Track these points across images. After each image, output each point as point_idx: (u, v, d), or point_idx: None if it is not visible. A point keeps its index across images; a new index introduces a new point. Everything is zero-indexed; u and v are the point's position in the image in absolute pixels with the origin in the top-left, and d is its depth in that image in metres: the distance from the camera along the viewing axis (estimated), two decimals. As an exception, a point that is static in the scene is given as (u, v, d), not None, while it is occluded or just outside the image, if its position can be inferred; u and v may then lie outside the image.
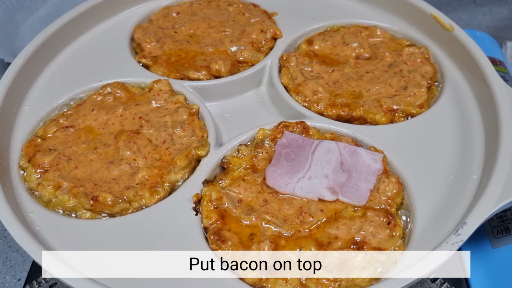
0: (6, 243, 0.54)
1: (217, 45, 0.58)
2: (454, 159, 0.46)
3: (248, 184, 0.44)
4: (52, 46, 0.57)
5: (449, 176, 0.45)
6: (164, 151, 0.48)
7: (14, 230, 0.40)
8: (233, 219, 0.42)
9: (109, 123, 0.50)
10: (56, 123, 0.50)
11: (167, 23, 0.62)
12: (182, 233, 0.42)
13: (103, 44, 0.59)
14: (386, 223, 0.41)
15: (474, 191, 0.43)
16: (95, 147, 0.48)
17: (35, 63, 0.55)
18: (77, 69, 0.57)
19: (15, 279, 0.51)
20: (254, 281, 0.38)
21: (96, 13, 0.61)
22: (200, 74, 0.55)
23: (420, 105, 0.51)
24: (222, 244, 0.40)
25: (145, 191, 0.44)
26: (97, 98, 0.52)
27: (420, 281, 0.42)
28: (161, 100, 0.52)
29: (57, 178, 0.45)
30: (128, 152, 0.47)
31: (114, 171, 0.46)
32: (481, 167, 0.45)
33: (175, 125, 0.49)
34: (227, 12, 0.63)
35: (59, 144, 0.48)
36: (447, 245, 0.37)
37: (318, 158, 0.45)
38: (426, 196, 0.43)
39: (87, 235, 0.42)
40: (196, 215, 0.43)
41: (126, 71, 0.56)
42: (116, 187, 0.45)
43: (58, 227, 0.43)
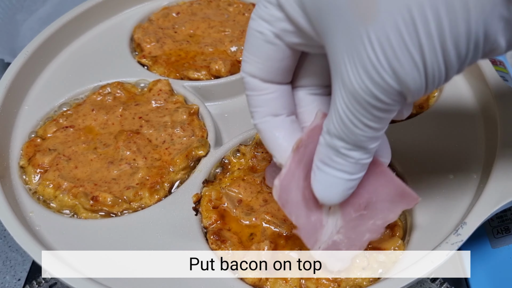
0: (6, 243, 0.54)
1: (217, 45, 0.58)
2: (454, 159, 0.46)
3: (248, 184, 0.44)
4: (52, 46, 0.57)
5: (449, 176, 0.45)
6: (164, 151, 0.48)
7: (14, 230, 0.40)
8: (233, 219, 0.42)
9: (109, 123, 0.50)
10: (56, 123, 0.50)
11: (167, 23, 0.62)
12: (182, 233, 0.42)
13: (103, 44, 0.59)
14: (386, 223, 0.41)
15: (474, 191, 0.43)
16: (95, 147, 0.48)
17: (35, 63, 0.55)
18: (77, 69, 0.57)
19: (15, 279, 0.51)
20: (254, 281, 0.38)
21: (96, 13, 0.61)
22: (200, 74, 0.55)
23: (420, 105, 0.51)
24: (222, 244, 0.40)
25: (145, 191, 0.44)
26: (97, 98, 0.52)
27: (420, 281, 0.42)
28: (161, 100, 0.52)
29: (57, 178, 0.45)
30: (128, 152, 0.47)
31: (114, 171, 0.46)
32: (481, 167, 0.45)
33: (175, 125, 0.49)
34: (227, 12, 0.63)
35: (59, 144, 0.48)
36: (447, 245, 0.37)
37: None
38: (426, 196, 0.43)
39: (87, 235, 0.42)
40: (196, 215, 0.43)
41: (126, 71, 0.56)
42: (116, 187, 0.45)
43: (58, 227, 0.43)
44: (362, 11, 0.24)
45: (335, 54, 0.27)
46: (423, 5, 0.23)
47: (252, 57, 0.32)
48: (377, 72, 0.25)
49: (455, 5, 0.23)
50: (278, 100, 0.33)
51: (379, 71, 0.24)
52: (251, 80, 0.32)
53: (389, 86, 0.25)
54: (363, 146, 0.29)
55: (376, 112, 0.26)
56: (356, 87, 0.26)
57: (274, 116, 0.33)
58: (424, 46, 0.23)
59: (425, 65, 0.24)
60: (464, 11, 0.23)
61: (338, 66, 0.27)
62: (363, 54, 0.25)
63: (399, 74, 0.24)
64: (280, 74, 0.32)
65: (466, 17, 0.23)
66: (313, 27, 0.28)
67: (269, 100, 0.33)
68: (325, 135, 0.30)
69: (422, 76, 0.25)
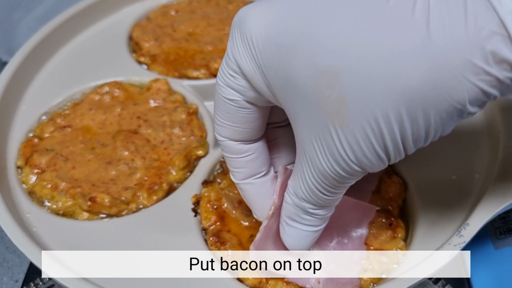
0: (3, 244, 0.53)
1: (217, 44, 0.58)
2: (457, 159, 0.46)
3: (248, 184, 0.43)
4: (49, 45, 0.57)
5: (452, 177, 0.44)
6: (163, 151, 0.47)
7: (11, 231, 0.39)
8: (232, 220, 0.42)
9: (107, 122, 0.50)
10: (54, 122, 0.50)
11: (166, 22, 0.61)
12: (181, 234, 0.41)
13: (101, 43, 0.59)
14: (388, 224, 0.40)
15: (477, 192, 0.43)
16: (92, 147, 0.47)
17: (32, 62, 0.55)
18: (75, 68, 0.56)
19: (13, 281, 0.51)
20: (254, 284, 0.38)
21: (94, 12, 0.61)
22: (199, 73, 0.54)
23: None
24: (221, 245, 0.40)
25: (143, 191, 0.44)
26: (94, 98, 0.52)
27: (422, 283, 0.42)
28: (160, 99, 0.51)
29: (54, 178, 0.45)
30: (126, 152, 0.46)
31: (112, 171, 0.45)
32: (484, 167, 0.45)
33: (174, 125, 0.49)
34: (226, 10, 0.63)
35: (57, 144, 0.48)
36: (450, 246, 0.37)
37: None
38: (429, 197, 0.43)
39: (85, 236, 0.42)
40: (195, 216, 0.43)
41: (124, 70, 0.55)
42: (114, 188, 0.44)
43: (55, 228, 0.42)
44: (332, 114, 0.27)
45: (301, 132, 0.29)
46: (389, 117, 0.25)
47: (228, 122, 0.33)
48: (346, 163, 0.28)
49: (418, 116, 0.25)
50: (257, 159, 0.35)
51: (347, 163, 0.28)
52: (230, 144, 0.34)
53: (356, 171, 0.28)
54: (329, 206, 0.32)
55: (343, 183, 0.30)
56: (325, 169, 0.29)
57: (255, 177, 0.35)
58: (389, 147, 0.27)
59: (389, 158, 0.28)
60: (426, 119, 0.25)
61: (305, 144, 0.29)
62: (333, 147, 0.27)
63: (365, 165, 0.28)
64: (258, 131, 0.34)
65: (426, 124, 0.26)
66: (282, 102, 0.30)
67: (250, 161, 0.35)
68: (292, 196, 0.32)
69: (386, 163, 0.28)
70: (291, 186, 0.32)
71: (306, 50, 0.27)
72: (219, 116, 0.33)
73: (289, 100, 0.29)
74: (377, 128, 0.26)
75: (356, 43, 0.25)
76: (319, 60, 0.26)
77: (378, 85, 0.25)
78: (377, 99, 0.25)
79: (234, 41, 0.31)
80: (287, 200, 0.33)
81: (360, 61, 0.25)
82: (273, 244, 0.36)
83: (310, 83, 0.27)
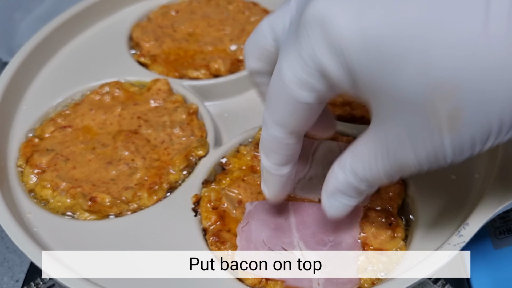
0: (4, 244, 0.53)
1: (217, 44, 0.58)
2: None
3: (248, 184, 0.43)
4: (50, 45, 0.57)
5: (451, 177, 0.44)
6: (163, 151, 0.47)
7: (11, 231, 0.39)
8: (232, 220, 0.42)
9: (107, 122, 0.50)
10: (54, 122, 0.50)
11: (166, 22, 0.61)
12: (181, 234, 0.41)
13: (101, 43, 0.59)
14: (387, 224, 0.40)
15: (476, 191, 0.43)
16: (93, 147, 0.47)
17: (32, 62, 0.55)
18: (75, 68, 0.56)
19: (13, 280, 0.51)
20: (254, 284, 0.38)
21: (94, 12, 0.61)
22: (199, 73, 0.55)
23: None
24: (221, 245, 0.40)
25: (144, 191, 0.44)
26: (95, 98, 0.52)
27: (421, 283, 0.42)
28: (160, 99, 0.51)
29: (55, 178, 0.45)
30: (127, 152, 0.46)
31: (112, 171, 0.45)
32: (483, 167, 0.45)
33: (174, 125, 0.49)
34: (226, 10, 0.63)
35: (57, 144, 0.48)
36: (449, 246, 0.37)
37: (319, 159, 0.45)
38: (428, 196, 0.43)
39: (85, 236, 0.42)
40: (195, 216, 0.43)
41: (124, 70, 0.55)
42: (114, 188, 0.44)
43: (56, 228, 0.42)
44: (443, 122, 0.26)
45: (389, 128, 0.29)
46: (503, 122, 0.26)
47: (294, 122, 0.32)
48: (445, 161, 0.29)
49: None
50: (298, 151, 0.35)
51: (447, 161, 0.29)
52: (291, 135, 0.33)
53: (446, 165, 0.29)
54: (377, 185, 0.33)
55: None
56: (409, 163, 0.29)
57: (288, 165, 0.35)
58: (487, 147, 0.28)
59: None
60: None
61: (391, 138, 0.29)
62: (437, 149, 0.28)
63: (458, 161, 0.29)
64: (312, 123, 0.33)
65: None
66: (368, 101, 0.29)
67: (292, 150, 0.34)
68: (348, 174, 0.32)
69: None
70: (349, 164, 0.32)
71: (418, 63, 0.25)
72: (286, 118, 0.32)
73: (381, 101, 0.28)
74: (487, 133, 0.27)
75: (472, 55, 0.24)
76: (433, 73, 0.25)
77: (497, 95, 0.25)
78: (495, 109, 0.25)
79: (313, 41, 0.27)
80: (339, 176, 0.33)
81: (479, 75, 0.25)
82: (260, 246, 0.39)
83: (419, 95, 0.26)
